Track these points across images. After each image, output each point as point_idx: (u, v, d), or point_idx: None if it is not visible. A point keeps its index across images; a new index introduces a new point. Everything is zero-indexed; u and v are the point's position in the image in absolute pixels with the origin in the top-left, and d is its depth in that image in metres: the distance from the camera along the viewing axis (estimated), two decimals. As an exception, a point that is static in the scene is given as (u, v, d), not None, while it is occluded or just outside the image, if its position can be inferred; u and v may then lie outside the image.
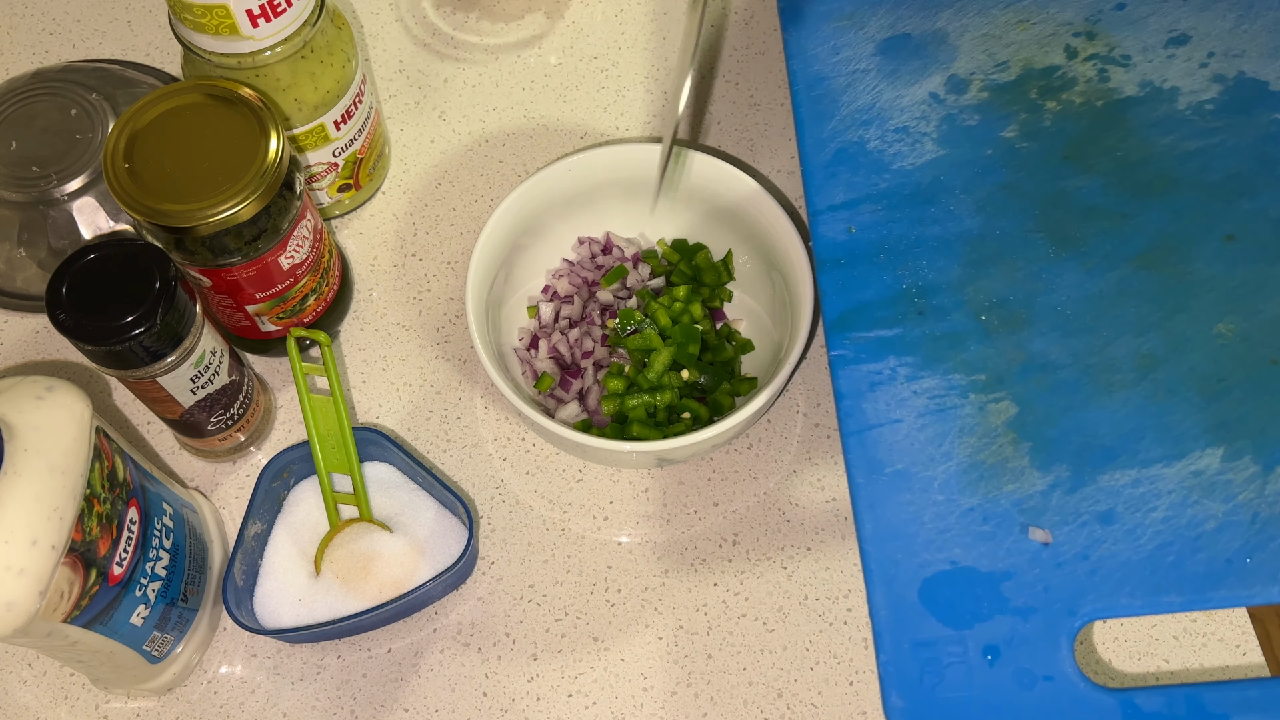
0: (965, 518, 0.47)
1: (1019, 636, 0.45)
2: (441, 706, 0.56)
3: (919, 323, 0.52)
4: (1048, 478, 0.48)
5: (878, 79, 0.59)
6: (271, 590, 0.56)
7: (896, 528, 0.47)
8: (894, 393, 0.50)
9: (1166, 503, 0.47)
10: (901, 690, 0.44)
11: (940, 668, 0.45)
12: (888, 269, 0.54)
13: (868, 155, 0.57)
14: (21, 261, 0.64)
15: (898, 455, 0.49)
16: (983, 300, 0.52)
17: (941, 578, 0.46)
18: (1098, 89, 0.58)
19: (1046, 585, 0.46)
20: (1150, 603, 0.45)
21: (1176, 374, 0.49)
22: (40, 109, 0.66)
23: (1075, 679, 0.44)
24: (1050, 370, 0.50)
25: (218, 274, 0.54)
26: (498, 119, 0.72)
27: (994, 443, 0.49)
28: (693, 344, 0.60)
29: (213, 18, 0.53)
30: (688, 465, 0.62)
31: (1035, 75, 0.59)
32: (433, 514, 0.58)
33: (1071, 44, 0.59)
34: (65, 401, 0.44)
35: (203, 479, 0.61)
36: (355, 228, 0.69)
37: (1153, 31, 0.59)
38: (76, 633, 0.46)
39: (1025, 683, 0.44)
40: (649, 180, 0.62)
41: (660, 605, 0.58)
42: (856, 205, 0.56)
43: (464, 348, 0.65)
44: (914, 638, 0.45)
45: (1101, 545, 0.46)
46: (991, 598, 0.46)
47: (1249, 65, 0.57)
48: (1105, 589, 0.45)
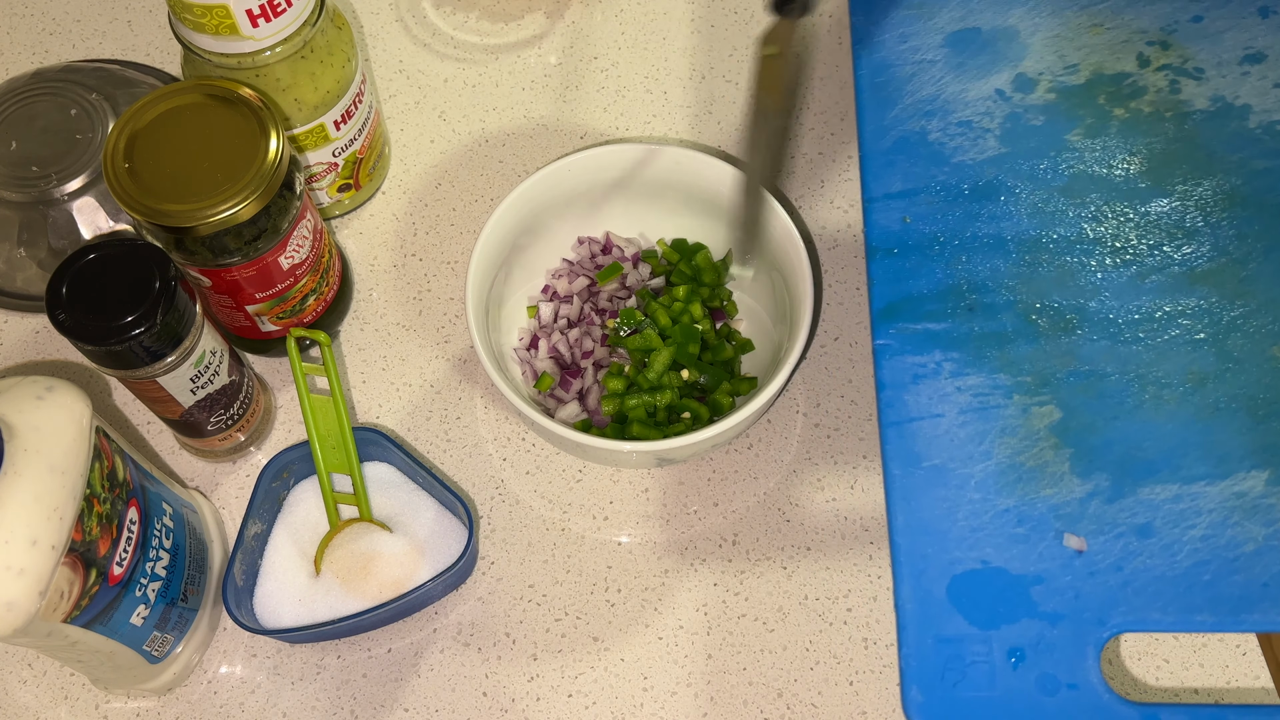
0: (1000, 518, 0.47)
1: (1046, 642, 0.45)
2: (441, 706, 0.56)
3: (968, 319, 0.52)
4: (1087, 485, 0.48)
5: (944, 70, 0.59)
6: (271, 590, 0.56)
7: (929, 522, 0.47)
8: (937, 387, 0.50)
9: (1206, 521, 0.47)
10: (922, 685, 0.44)
11: (963, 665, 0.45)
12: (940, 262, 0.54)
13: (928, 146, 0.57)
14: (21, 261, 0.64)
15: (936, 450, 0.49)
16: (1034, 302, 0.52)
17: (971, 576, 0.46)
18: (1168, 100, 0.58)
19: (1078, 593, 0.45)
20: (1182, 620, 0.45)
21: (1226, 393, 0.49)
22: (40, 109, 0.66)
23: (1100, 689, 0.44)
24: (1098, 378, 0.50)
25: (218, 274, 0.54)
26: (498, 119, 0.72)
27: (1035, 446, 0.49)
28: (693, 344, 0.60)
29: (213, 18, 0.53)
30: (688, 465, 0.62)
31: (1105, 81, 0.59)
32: (433, 514, 0.58)
33: (1145, 52, 0.59)
34: (65, 401, 0.44)
35: (203, 479, 0.61)
36: (355, 228, 0.69)
37: (1228, 47, 0.59)
38: (76, 633, 0.46)
39: (1048, 688, 0.44)
40: (649, 180, 0.62)
41: (660, 605, 0.58)
42: (913, 195, 0.55)
43: (464, 348, 0.65)
44: (938, 633, 0.45)
45: (1137, 558, 0.46)
46: (1021, 600, 0.46)
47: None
48: (1137, 602, 0.45)
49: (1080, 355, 0.51)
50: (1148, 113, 0.57)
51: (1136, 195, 0.55)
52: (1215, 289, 0.52)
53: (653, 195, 0.63)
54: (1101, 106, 0.58)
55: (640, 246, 0.65)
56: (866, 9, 0.63)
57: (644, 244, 0.65)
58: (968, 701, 0.44)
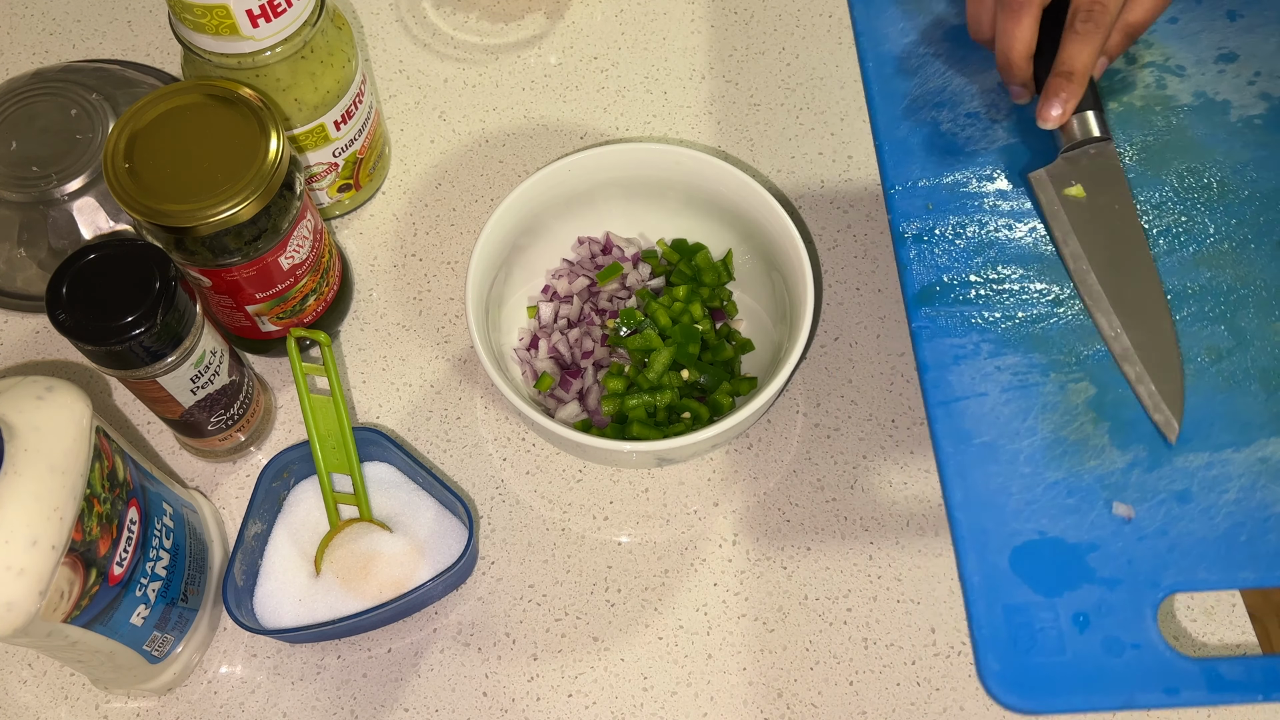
0: (1051, 490, 0.49)
1: (1106, 605, 0.47)
2: (441, 706, 0.56)
3: (999, 301, 0.54)
4: (1127, 456, 0.50)
5: (948, 64, 0.61)
6: (271, 590, 0.56)
7: (985, 497, 0.49)
8: (977, 367, 0.52)
9: (1237, 485, 0.49)
10: (997, 654, 0.46)
11: (1032, 632, 0.46)
12: (968, 247, 0.56)
13: (942, 137, 0.59)
14: (21, 261, 0.64)
15: (984, 427, 0.51)
16: (1061, 282, 0.54)
17: (1031, 546, 0.48)
18: (1156, 94, 0.60)
19: (1130, 558, 0.47)
20: (1227, 578, 0.47)
21: (1240, 366, 0.52)
22: (40, 109, 0.66)
23: (1161, 647, 0.46)
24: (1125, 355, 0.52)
25: (218, 274, 0.54)
26: (498, 119, 0.72)
27: (1075, 420, 0.51)
28: (693, 344, 0.60)
29: (213, 18, 0.53)
30: (688, 465, 0.62)
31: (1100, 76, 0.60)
32: (433, 514, 0.58)
33: (1131, 51, 0.61)
34: (65, 401, 0.44)
35: (203, 479, 0.61)
36: (355, 228, 0.69)
37: (1204, 47, 0.61)
38: (76, 633, 0.46)
39: (1114, 650, 0.46)
40: (649, 180, 0.62)
41: (660, 605, 0.58)
42: (934, 184, 0.58)
43: (464, 348, 0.65)
44: (1006, 603, 0.47)
45: (1180, 522, 0.48)
46: (1079, 567, 0.47)
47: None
48: (1185, 564, 0.47)
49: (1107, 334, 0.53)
50: (1139, 106, 0.60)
51: (1138, 183, 0.57)
52: (1219, 271, 0.54)
53: (653, 195, 0.63)
54: None
55: (640, 246, 0.65)
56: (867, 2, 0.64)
57: (644, 244, 0.65)
58: (1041, 667, 0.46)
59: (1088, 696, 0.45)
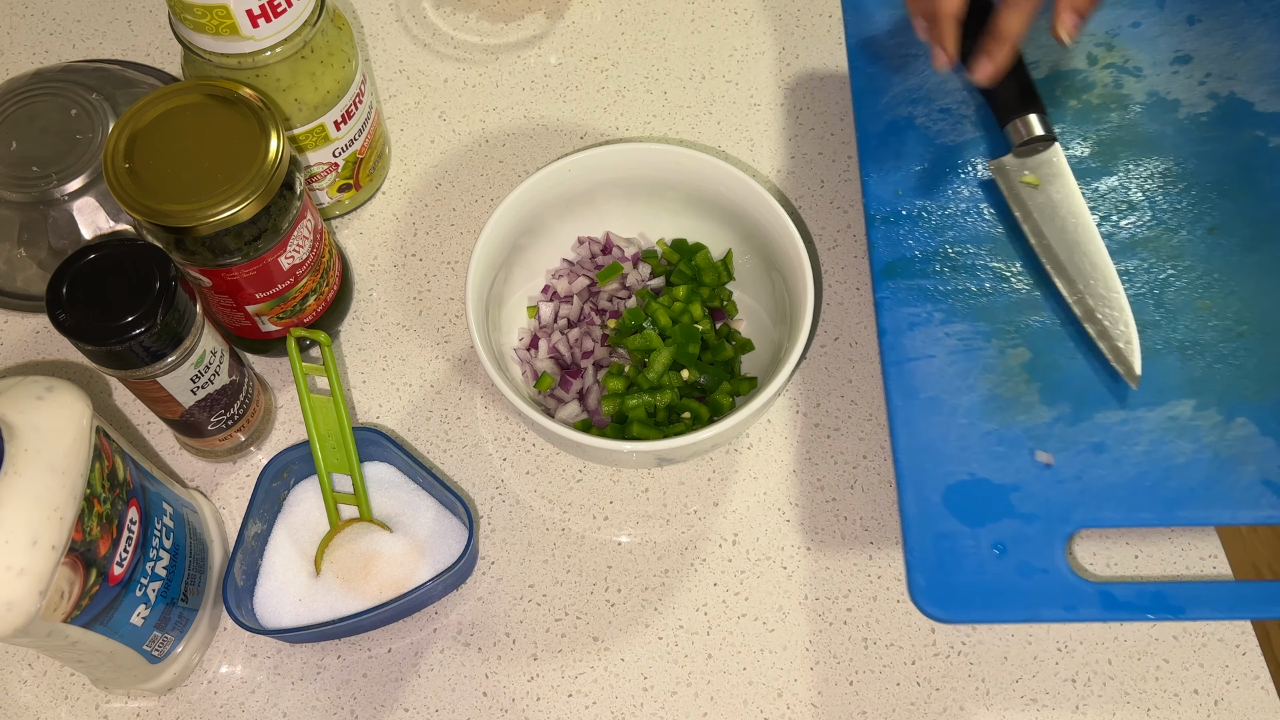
0: (984, 439, 0.56)
1: (1022, 536, 0.53)
2: (441, 706, 0.56)
3: (953, 276, 0.61)
4: (1053, 412, 0.57)
5: (926, 64, 0.67)
6: (271, 590, 0.56)
7: (926, 444, 0.56)
8: (929, 333, 0.59)
9: (1147, 440, 0.56)
10: (925, 573, 0.53)
11: (957, 556, 0.53)
12: (929, 228, 0.62)
13: (915, 130, 0.65)
14: (22, 261, 0.64)
15: (930, 385, 0.57)
16: (1006, 261, 0.61)
17: (962, 485, 0.55)
18: (1113, 94, 0.66)
19: (1047, 498, 0.54)
20: (1129, 517, 0.54)
21: (1163, 338, 0.59)
22: (40, 109, 0.66)
23: (1065, 572, 0.53)
24: (1060, 326, 0.59)
25: (218, 274, 0.54)
26: (498, 119, 0.72)
27: (1010, 380, 0.58)
28: (693, 344, 0.60)
29: (213, 18, 0.53)
30: (688, 465, 0.62)
31: (1061, 75, 0.67)
32: (433, 514, 0.58)
33: (1093, 52, 0.67)
34: (65, 401, 0.44)
35: (203, 479, 0.61)
36: (355, 228, 0.69)
37: (1162, 49, 0.67)
38: (77, 633, 0.46)
39: (1025, 573, 0.53)
40: (649, 180, 0.62)
41: (660, 605, 0.58)
42: (904, 172, 0.64)
43: (464, 348, 0.65)
44: (936, 531, 0.54)
45: (1093, 470, 0.55)
46: (1002, 504, 0.54)
47: (1239, 87, 0.66)
48: (1094, 504, 0.54)
49: (1045, 307, 0.60)
50: (1096, 104, 0.66)
51: (1089, 173, 0.64)
52: (1153, 253, 0.61)
53: (653, 195, 0.63)
54: (1058, 97, 0.66)
55: (640, 246, 0.65)
56: (857, 6, 0.70)
57: (644, 244, 0.65)
58: (962, 585, 0.53)
59: (999, 610, 0.52)
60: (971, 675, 0.56)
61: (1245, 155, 0.64)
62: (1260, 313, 0.59)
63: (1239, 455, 0.55)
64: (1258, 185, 0.63)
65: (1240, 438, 0.56)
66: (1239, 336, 0.58)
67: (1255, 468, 0.55)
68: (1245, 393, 0.57)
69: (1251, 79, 0.66)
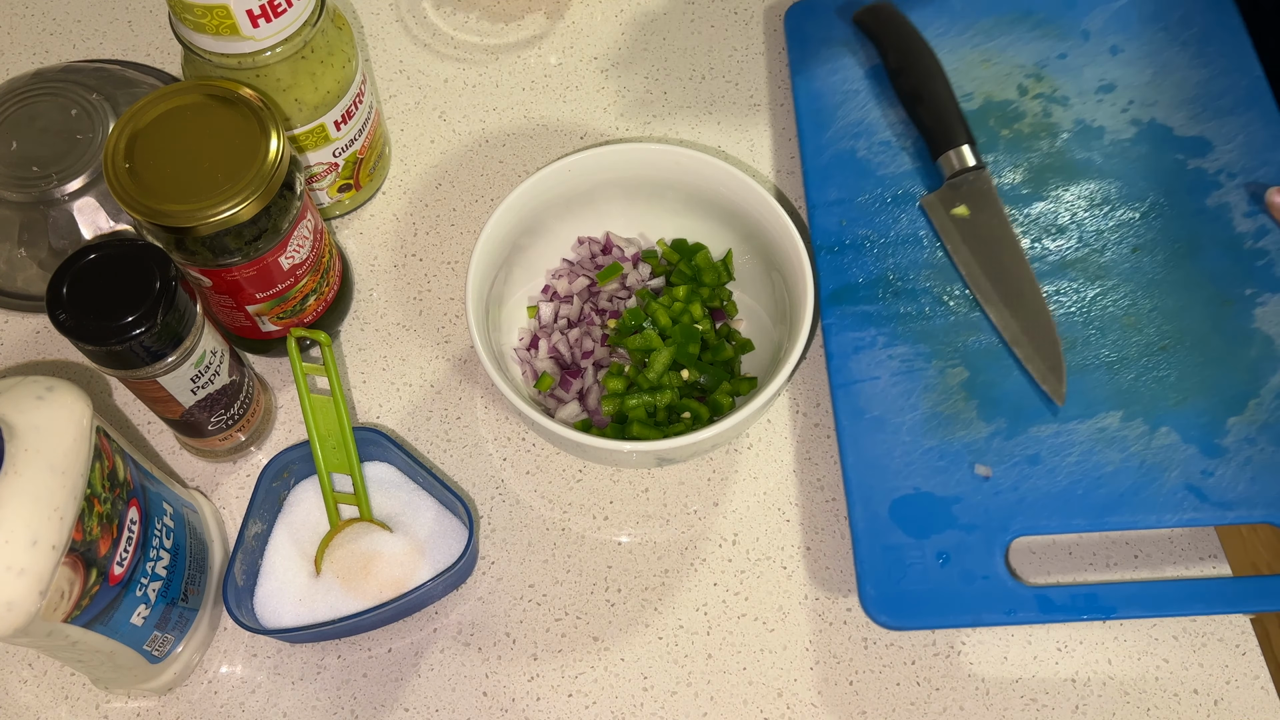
0: (926, 455, 0.59)
1: (964, 545, 0.57)
2: (441, 706, 0.56)
3: (895, 301, 0.64)
4: (990, 427, 0.60)
5: (867, 99, 0.71)
6: (272, 590, 0.56)
7: (873, 461, 0.59)
8: (873, 356, 0.62)
9: (1078, 451, 0.59)
10: (874, 582, 0.56)
11: (904, 566, 0.56)
12: (871, 257, 0.65)
13: (857, 163, 0.68)
14: (22, 261, 0.64)
15: (875, 405, 0.60)
16: (944, 286, 0.64)
17: (907, 499, 0.58)
18: (1042, 122, 0.70)
19: (986, 509, 0.58)
20: (1063, 524, 0.57)
21: (1092, 354, 0.62)
22: (41, 109, 0.66)
23: (1005, 578, 0.56)
24: (995, 345, 0.62)
25: (218, 274, 0.54)
26: (498, 119, 0.72)
27: (950, 399, 0.61)
28: (693, 344, 0.60)
29: (213, 18, 0.53)
30: (688, 465, 0.62)
31: (994, 106, 0.70)
32: (433, 514, 0.58)
33: (1023, 83, 0.71)
34: (66, 401, 0.44)
35: (203, 479, 0.61)
36: (355, 228, 0.69)
37: (1087, 79, 0.71)
38: (77, 633, 0.46)
39: (968, 580, 0.56)
40: (649, 180, 0.62)
41: (660, 605, 0.58)
42: (848, 203, 0.67)
43: (464, 348, 0.65)
44: (884, 543, 0.57)
45: (1029, 480, 0.58)
46: (944, 516, 0.57)
47: (1159, 113, 0.69)
48: (1030, 513, 0.57)
49: (982, 328, 0.63)
50: (1027, 133, 0.69)
51: (1020, 199, 0.67)
52: (1081, 273, 0.64)
53: (653, 195, 0.63)
54: (992, 128, 0.69)
55: (640, 246, 0.65)
56: (801, 42, 0.73)
57: (644, 244, 0.65)
58: (909, 593, 0.56)
59: (944, 616, 0.55)
60: (971, 675, 0.56)
61: (1166, 178, 0.67)
62: (1181, 327, 0.62)
63: (1163, 462, 0.58)
64: (1178, 206, 0.66)
65: (1164, 446, 0.59)
66: (1162, 350, 0.62)
67: (1178, 473, 0.58)
68: (1168, 403, 0.60)
69: (1171, 105, 0.69)
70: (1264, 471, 0.58)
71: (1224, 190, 0.66)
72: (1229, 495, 0.57)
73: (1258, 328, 0.62)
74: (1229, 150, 0.68)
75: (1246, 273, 0.64)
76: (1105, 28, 0.72)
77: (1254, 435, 0.59)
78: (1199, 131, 0.68)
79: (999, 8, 0.73)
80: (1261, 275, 0.63)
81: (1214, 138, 0.68)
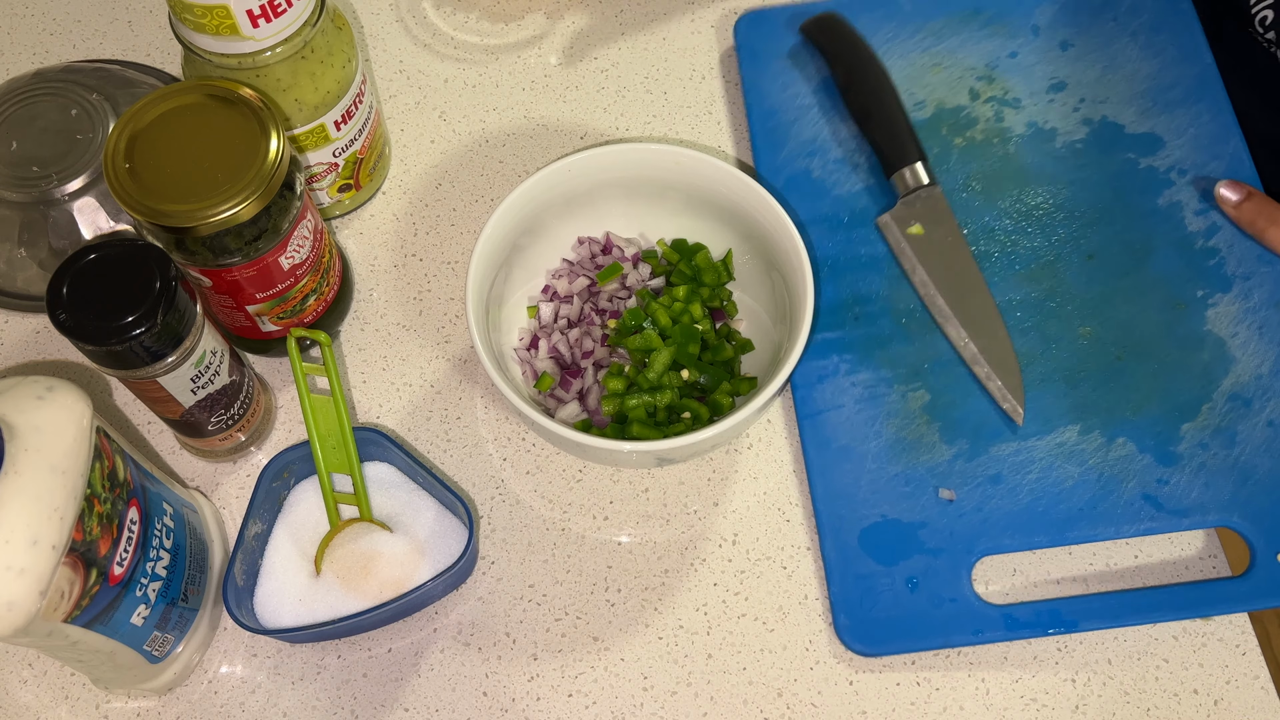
0: (892, 481, 0.59)
1: (932, 570, 0.57)
2: (441, 706, 0.56)
3: (855, 326, 0.63)
4: (953, 449, 0.60)
5: (819, 115, 0.69)
6: (272, 590, 0.56)
7: (840, 490, 0.59)
8: (837, 384, 0.62)
9: (1038, 467, 0.59)
10: (847, 612, 0.57)
11: (875, 594, 0.57)
12: (830, 281, 0.65)
13: (813, 183, 0.67)
14: (22, 261, 0.64)
15: (841, 434, 0.60)
16: (902, 308, 0.64)
17: (875, 527, 0.58)
18: (995, 127, 0.69)
19: (951, 531, 0.58)
20: (1025, 541, 0.58)
21: (1049, 368, 0.62)
22: (41, 109, 0.66)
23: (973, 599, 0.57)
24: (954, 365, 0.62)
25: (218, 274, 0.54)
26: (498, 119, 0.72)
27: (913, 423, 0.61)
28: (693, 344, 0.60)
29: (213, 18, 0.53)
30: (688, 465, 0.62)
31: (946, 114, 0.69)
32: (433, 514, 0.58)
33: (975, 87, 0.70)
34: (66, 401, 0.44)
35: (203, 479, 0.61)
36: (355, 228, 0.69)
37: (1038, 78, 0.70)
38: (77, 633, 0.46)
39: (937, 604, 0.56)
40: (649, 180, 0.62)
41: (660, 605, 0.58)
42: (805, 225, 0.66)
43: (464, 348, 0.65)
44: (855, 572, 0.57)
45: (991, 500, 0.59)
46: (911, 541, 0.58)
47: (1110, 110, 0.69)
48: (994, 533, 0.58)
49: (940, 349, 0.62)
50: (979, 140, 0.68)
51: (975, 211, 0.66)
52: (1036, 284, 0.64)
53: (653, 195, 0.63)
54: (945, 137, 0.68)
55: (640, 246, 0.65)
56: (752, 56, 0.71)
57: (644, 244, 0.65)
58: (881, 620, 0.56)
59: (916, 640, 0.56)
60: (971, 675, 0.56)
61: (1118, 179, 0.66)
62: (1135, 336, 0.62)
63: (1120, 474, 0.59)
64: (1130, 208, 0.66)
65: (1121, 457, 0.59)
66: (1117, 360, 0.62)
67: (1135, 483, 0.58)
68: (1124, 414, 0.60)
69: (1122, 100, 0.69)
70: (1217, 476, 0.58)
71: (1175, 188, 0.66)
72: (1184, 502, 0.58)
73: (1209, 330, 0.62)
74: (1180, 145, 0.67)
75: (1198, 273, 0.64)
76: (1055, 21, 0.71)
77: (1207, 440, 0.59)
78: (1150, 128, 0.68)
79: (949, 6, 0.72)
80: (1212, 275, 0.64)
81: (1164, 133, 0.68)
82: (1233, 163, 0.66)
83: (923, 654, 0.57)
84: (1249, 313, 0.63)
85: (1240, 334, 0.62)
